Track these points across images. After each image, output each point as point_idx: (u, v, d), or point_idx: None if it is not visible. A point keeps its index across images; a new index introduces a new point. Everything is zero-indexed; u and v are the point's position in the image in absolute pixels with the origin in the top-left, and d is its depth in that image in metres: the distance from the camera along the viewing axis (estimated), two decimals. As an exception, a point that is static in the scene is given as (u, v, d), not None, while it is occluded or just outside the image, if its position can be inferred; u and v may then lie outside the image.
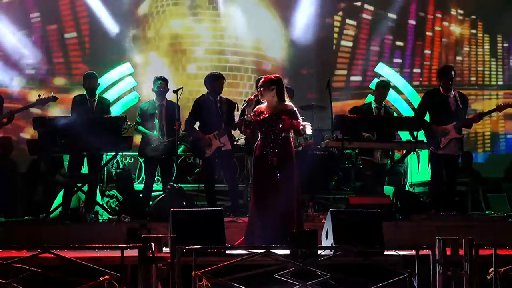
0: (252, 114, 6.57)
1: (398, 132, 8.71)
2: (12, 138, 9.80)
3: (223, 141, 8.11)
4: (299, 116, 6.62)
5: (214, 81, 8.21)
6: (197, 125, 8.32)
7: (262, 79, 6.68)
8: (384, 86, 8.91)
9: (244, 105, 6.73)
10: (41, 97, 8.17)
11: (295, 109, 6.67)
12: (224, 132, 8.09)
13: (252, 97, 6.64)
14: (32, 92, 11.11)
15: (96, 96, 8.53)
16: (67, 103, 9.09)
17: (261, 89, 6.56)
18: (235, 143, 8.74)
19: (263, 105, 6.63)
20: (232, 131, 8.38)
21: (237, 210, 8.03)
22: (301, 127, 6.46)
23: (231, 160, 8.40)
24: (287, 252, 5.67)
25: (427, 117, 8.39)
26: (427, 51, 12.82)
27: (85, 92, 8.53)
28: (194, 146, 8.37)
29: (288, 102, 6.69)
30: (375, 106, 8.74)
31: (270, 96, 6.57)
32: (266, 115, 6.52)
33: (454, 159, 8.33)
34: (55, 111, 10.54)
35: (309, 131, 6.51)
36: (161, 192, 8.30)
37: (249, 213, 6.72)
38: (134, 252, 5.00)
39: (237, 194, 8.39)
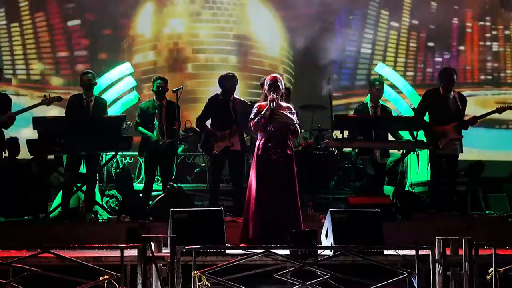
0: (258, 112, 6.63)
1: (399, 131, 8.67)
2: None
3: (233, 141, 8.12)
4: (296, 117, 6.74)
5: (227, 81, 8.21)
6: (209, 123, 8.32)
7: (272, 78, 6.69)
8: (378, 84, 8.82)
9: (273, 106, 6.69)
10: (46, 97, 8.17)
11: (294, 111, 6.78)
12: (235, 132, 8.09)
13: (273, 97, 6.63)
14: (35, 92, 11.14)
15: (93, 96, 8.42)
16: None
17: (273, 87, 6.60)
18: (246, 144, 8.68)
19: (264, 104, 6.66)
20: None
21: (240, 211, 8.01)
22: (296, 127, 6.59)
23: (239, 160, 8.34)
24: (287, 252, 5.68)
25: (426, 117, 8.39)
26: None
27: (82, 92, 8.47)
28: (203, 142, 8.35)
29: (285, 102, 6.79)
30: (371, 105, 8.65)
31: (277, 95, 6.64)
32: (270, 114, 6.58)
33: (454, 159, 8.32)
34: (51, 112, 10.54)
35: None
36: (161, 192, 8.29)
37: (245, 213, 6.70)
38: (133, 252, 5.01)
39: (242, 195, 8.36)
